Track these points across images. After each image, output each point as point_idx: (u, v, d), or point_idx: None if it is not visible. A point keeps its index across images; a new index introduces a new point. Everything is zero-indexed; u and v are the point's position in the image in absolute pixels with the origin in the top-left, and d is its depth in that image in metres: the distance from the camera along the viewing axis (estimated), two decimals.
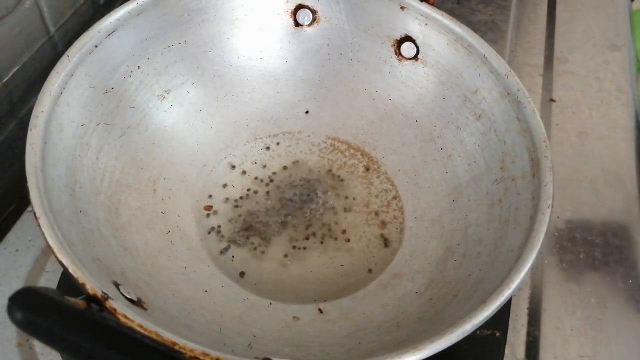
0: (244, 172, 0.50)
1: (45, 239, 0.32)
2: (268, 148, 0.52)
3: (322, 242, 0.47)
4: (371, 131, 0.52)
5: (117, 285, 0.34)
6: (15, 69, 0.50)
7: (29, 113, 0.37)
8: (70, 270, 0.30)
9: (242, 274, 0.44)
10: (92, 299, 0.29)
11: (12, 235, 0.48)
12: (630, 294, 0.47)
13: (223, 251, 0.45)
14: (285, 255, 0.46)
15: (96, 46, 0.42)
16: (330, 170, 0.51)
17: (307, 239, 0.47)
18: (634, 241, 0.51)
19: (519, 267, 0.34)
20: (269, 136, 0.52)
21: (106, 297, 0.29)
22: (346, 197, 0.49)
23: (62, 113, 0.39)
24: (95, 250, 0.36)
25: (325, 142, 0.52)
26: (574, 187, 0.54)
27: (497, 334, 0.43)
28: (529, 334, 0.45)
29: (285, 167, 0.51)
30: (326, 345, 0.38)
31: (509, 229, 0.39)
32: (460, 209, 0.45)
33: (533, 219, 0.37)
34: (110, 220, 0.40)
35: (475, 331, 0.32)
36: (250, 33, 0.51)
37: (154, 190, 0.46)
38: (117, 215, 0.41)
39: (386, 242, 0.47)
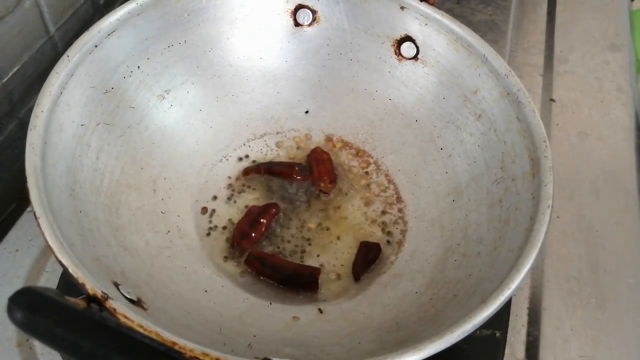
0: (244, 172, 0.50)
1: (45, 239, 0.32)
2: (268, 148, 0.52)
3: (321, 242, 0.47)
4: (371, 131, 0.52)
5: (117, 285, 0.34)
6: (15, 69, 0.50)
7: (29, 113, 0.37)
8: (70, 270, 0.30)
9: (242, 273, 0.44)
10: (92, 299, 0.29)
11: (12, 235, 0.48)
12: (630, 294, 0.47)
13: (223, 250, 0.45)
14: (285, 255, 0.46)
15: (96, 46, 0.42)
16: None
17: (306, 238, 0.47)
18: (634, 241, 0.50)
19: (519, 267, 0.34)
20: (269, 136, 0.52)
21: (106, 297, 0.29)
22: (346, 197, 0.49)
23: (62, 113, 0.39)
24: (95, 250, 0.36)
25: (325, 142, 0.52)
26: (574, 187, 0.54)
27: (497, 334, 0.43)
28: (529, 334, 0.45)
29: None
30: (326, 345, 0.38)
31: (509, 229, 0.39)
32: (460, 209, 0.45)
33: (533, 219, 0.37)
34: (110, 220, 0.40)
35: (475, 331, 0.32)
36: (250, 33, 0.51)
37: (154, 190, 0.46)
38: (117, 215, 0.41)
39: (386, 242, 0.47)
